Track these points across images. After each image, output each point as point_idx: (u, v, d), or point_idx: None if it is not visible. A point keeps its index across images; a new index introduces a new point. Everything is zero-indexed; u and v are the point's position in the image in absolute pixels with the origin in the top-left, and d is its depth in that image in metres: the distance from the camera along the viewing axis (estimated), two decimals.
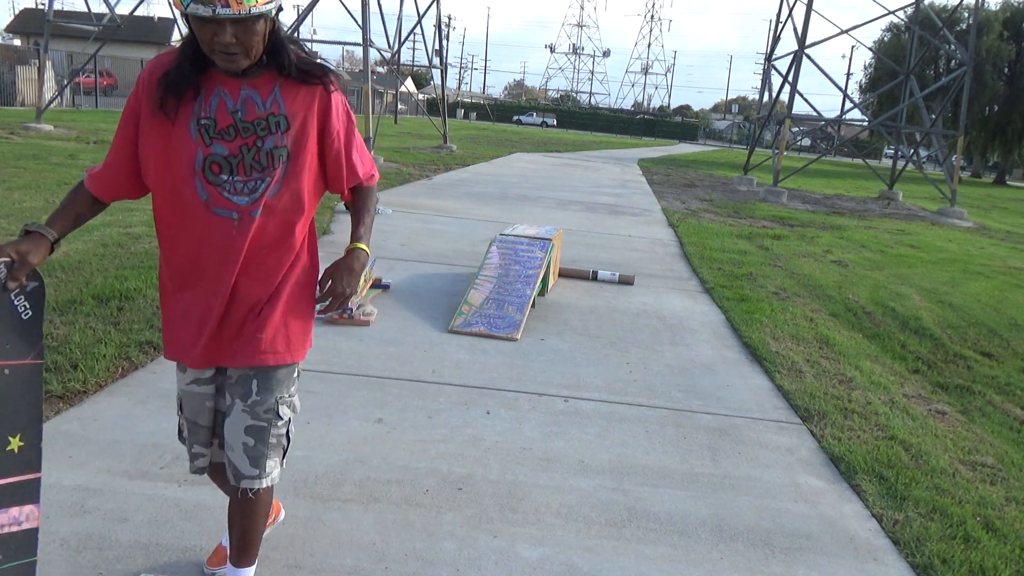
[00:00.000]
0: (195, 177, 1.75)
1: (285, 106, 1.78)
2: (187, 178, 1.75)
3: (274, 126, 1.77)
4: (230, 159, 1.75)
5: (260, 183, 1.77)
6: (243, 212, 1.78)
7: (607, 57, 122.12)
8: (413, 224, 8.21)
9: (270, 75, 1.77)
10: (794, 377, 4.27)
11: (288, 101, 1.79)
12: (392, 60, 24.81)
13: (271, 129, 1.77)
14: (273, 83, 1.77)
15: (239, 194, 1.77)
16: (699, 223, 10.79)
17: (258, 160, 1.77)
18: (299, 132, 1.80)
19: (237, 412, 1.87)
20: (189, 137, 1.73)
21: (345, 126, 1.90)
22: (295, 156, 1.81)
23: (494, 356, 4.18)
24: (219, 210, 1.77)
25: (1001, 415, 4.44)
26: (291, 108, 1.79)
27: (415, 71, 54.02)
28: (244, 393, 1.86)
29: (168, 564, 2.17)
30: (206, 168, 1.74)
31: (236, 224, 1.78)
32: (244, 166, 1.76)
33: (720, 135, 79.31)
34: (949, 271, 9.09)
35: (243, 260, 1.80)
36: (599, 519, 2.63)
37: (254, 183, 1.77)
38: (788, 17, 19.04)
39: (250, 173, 1.77)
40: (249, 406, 1.86)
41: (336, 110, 1.85)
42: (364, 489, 2.66)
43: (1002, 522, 2.88)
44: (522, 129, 53.81)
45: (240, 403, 1.86)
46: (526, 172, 17.04)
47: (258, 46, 1.67)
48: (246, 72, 1.73)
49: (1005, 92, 37.60)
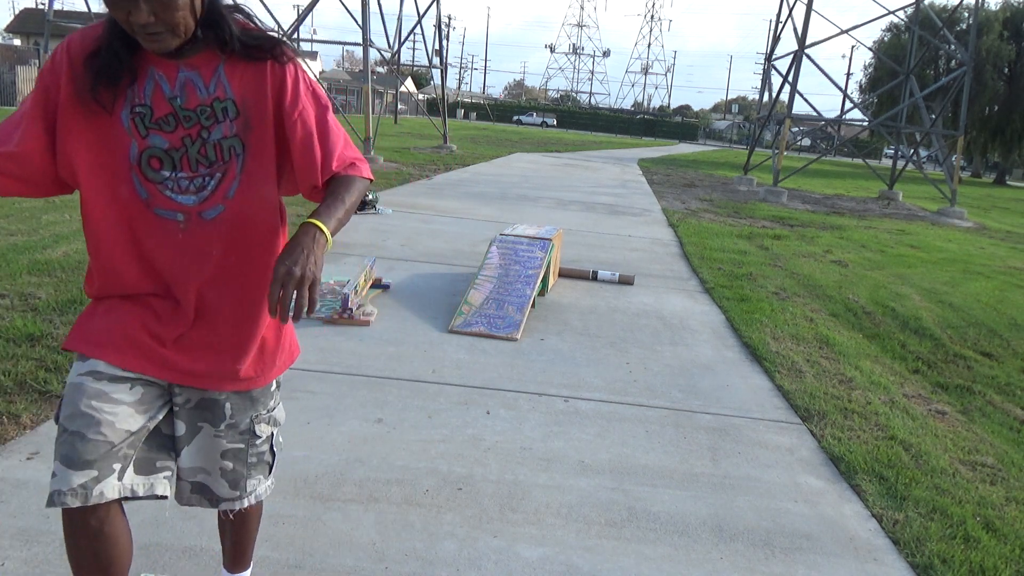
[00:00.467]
0: (131, 173, 1.50)
1: (232, 89, 1.52)
2: (123, 175, 1.50)
3: (220, 113, 1.51)
4: (171, 152, 1.50)
5: (209, 180, 1.53)
6: (190, 213, 1.53)
7: (607, 57, 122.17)
8: (413, 224, 8.21)
9: (211, 52, 1.50)
10: (794, 377, 4.27)
11: (235, 82, 1.52)
12: (392, 60, 24.81)
13: (217, 117, 1.51)
14: (215, 62, 1.51)
15: (184, 193, 1.52)
16: (699, 223, 10.79)
17: (204, 154, 1.52)
18: (253, 119, 1.54)
19: (207, 438, 1.65)
20: (121, 127, 1.48)
21: (312, 105, 1.59)
22: (253, 148, 1.55)
23: (494, 356, 4.18)
24: (161, 211, 1.52)
25: (1001, 415, 4.44)
26: (239, 91, 1.52)
27: (415, 71, 54.02)
28: (214, 418, 1.64)
29: (168, 564, 2.17)
30: (143, 163, 1.50)
31: (182, 227, 1.53)
32: (188, 161, 1.51)
33: (720, 135, 79.34)
34: (949, 271, 9.09)
35: (208, 270, 1.56)
36: (599, 519, 2.63)
37: (201, 180, 1.52)
38: (788, 17, 19.04)
39: (196, 168, 1.52)
40: (222, 431, 1.66)
41: (293, 86, 1.56)
42: (364, 489, 2.66)
43: (1002, 522, 2.88)
44: (522, 129, 53.80)
45: (211, 428, 1.65)
46: (526, 172, 17.04)
47: (185, 21, 1.41)
48: (182, 51, 1.47)
49: (1005, 92, 37.60)
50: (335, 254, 6.35)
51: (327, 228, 1.51)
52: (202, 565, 2.17)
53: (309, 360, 3.81)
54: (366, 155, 14.90)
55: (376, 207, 8.63)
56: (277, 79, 1.54)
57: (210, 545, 2.26)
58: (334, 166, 1.60)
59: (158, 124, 1.49)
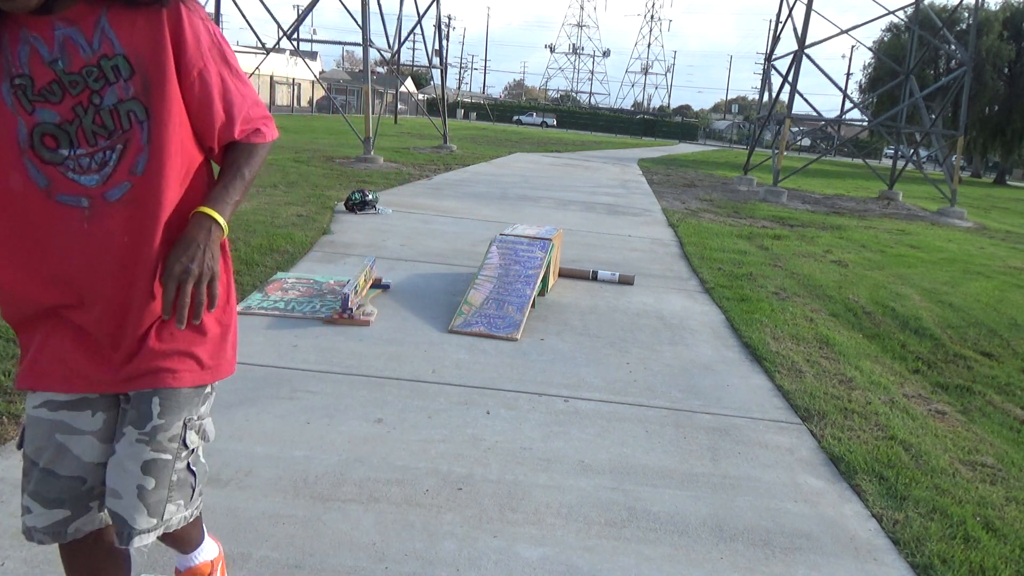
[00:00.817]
0: (23, 158, 1.29)
1: (120, 42, 1.29)
2: (13, 161, 1.29)
3: (111, 72, 1.29)
4: (65, 127, 1.29)
5: (110, 154, 1.31)
6: (94, 196, 1.32)
7: (607, 57, 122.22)
8: (413, 224, 8.21)
9: (88, 2, 1.28)
10: (794, 377, 4.27)
11: (123, 35, 1.29)
12: (392, 60, 24.82)
13: (108, 78, 1.29)
14: (96, 12, 1.28)
15: (87, 172, 1.31)
16: (699, 223, 10.79)
17: (100, 123, 1.30)
18: (152, 77, 1.32)
19: (129, 444, 1.40)
20: (3, 105, 1.27)
21: (214, 57, 1.39)
22: (158, 111, 1.32)
23: (494, 356, 4.18)
24: (65, 197, 1.31)
25: (1001, 415, 4.44)
26: (130, 44, 1.30)
27: (415, 71, 54.03)
28: (139, 417, 1.41)
29: (168, 564, 2.17)
30: (36, 143, 1.29)
31: (87, 214, 1.32)
32: (84, 134, 1.30)
33: (720, 135, 79.36)
34: (949, 271, 9.09)
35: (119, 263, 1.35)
36: (599, 519, 2.63)
37: (102, 155, 1.31)
38: (788, 17, 19.04)
39: (94, 142, 1.31)
40: (148, 433, 1.41)
41: (193, 36, 1.35)
42: (364, 489, 2.66)
43: (1002, 522, 2.88)
44: (522, 129, 53.81)
45: (134, 431, 1.40)
46: (526, 172, 17.04)
47: None
48: (52, 5, 1.25)
49: (1005, 92, 37.60)
50: (335, 254, 6.35)
51: (222, 218, 1.39)
52: None
53: (309, 360, 3.81)
54: (366, 155, 14.92)
55: (376, 207, 8.64)
56: (174, 28, 1.32)
57: None
58: (236, 132, 1.43)
59: (42, 95, 1.28)
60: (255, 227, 6.95)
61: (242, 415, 3.12)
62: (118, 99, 1.30)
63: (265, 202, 8.62)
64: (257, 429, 3.01)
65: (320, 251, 6.44)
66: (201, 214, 1.37)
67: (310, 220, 7.66)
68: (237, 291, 5.21)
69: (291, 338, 4.12)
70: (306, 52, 44.70)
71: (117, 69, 1.30)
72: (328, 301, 4.77)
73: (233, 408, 3.17)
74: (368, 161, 14.74)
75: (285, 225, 7.22)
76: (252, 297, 4.76)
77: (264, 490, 2.58)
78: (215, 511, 2.42)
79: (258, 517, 2.42)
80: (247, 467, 2.71)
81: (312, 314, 4.51)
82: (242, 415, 3.12)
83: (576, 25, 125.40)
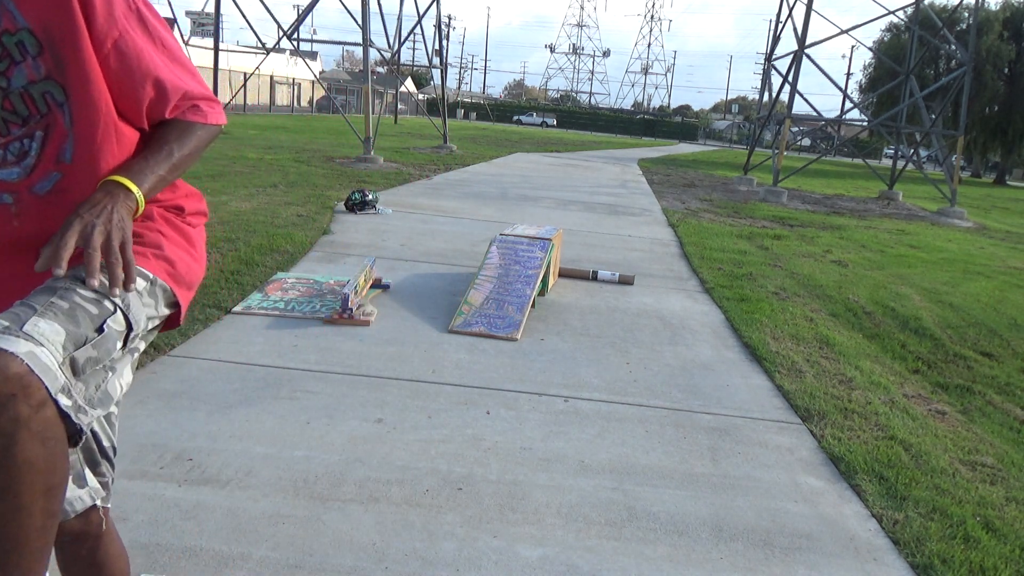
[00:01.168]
0: None
1: (23, 15, 1.11)
2: None
3: (16, 50, 1.12)
4: None
5: (30, 143, 1.17)
6: (19, 191, 1.18)
7: (607, 57, 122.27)
8: (413, 224, 8.21)
9: None
10: (794, 377, 4.27)
11: (25, 6, 1.11)
12: (392, 60, 24.83)
13: (13, 56, 1.13)
14: None
15: (8, 166, 1.17)
16: (699, 223, 10.79)
17: (11, 108, 1.15)
18: (64, 51, 1.14)
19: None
20: None
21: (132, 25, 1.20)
22: (77, 90, 1.16)
23: (494, 356, 4.18)
24: None
25: (1001, 415, 4.44)
26: (35, 16, 1.11)
27: (415, 71, 54.02)
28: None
29: (168, 564, 2.17)
30: None
31: (15, 211, 1.18)
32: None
33: (720, 135, 79.39)
34: (949, 271, 9.10)
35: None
36: (599, 519, 2.63)
37: (20, 144, 1.17)
38: (788, 17, 19.04)
39: (7, 130, 1.16)
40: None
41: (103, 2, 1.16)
42: (364, 489, 2.66)
43: (1002, 522, 2.88)
44: (522, 129, 53.80)
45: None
46: (526, 172, 17.04)
47: None
48: None
49: (1005, 92, 37.61)
50: (335, 254, 6.35)
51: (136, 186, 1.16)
52: (202, 565, 2.17)
53: (309, 360, 3.81)
54: (366, 155, 14.91)
55: (376, 207, 8.64)
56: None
57: (210, 545, 2.26)
58: (167, 110, 1.24)
59: None
60: (255, 227, 6.96)
61: (242, 415, 3.12)
62: (27, 80, 1.14)
63: (265, 202, 8.62)
64: (257, 429, 3.01)
65: (320, 251, 6.44)
66: (109, 180, 1.17)
67: (310, 220, 7.66)
68: (237, 291, 5.20)
69: (291, 338, 4.12)
70: (306, 52, 44.70)
71: (22, 45, 1.12)
72: (328, 301, 4.77)
73: (233, 408, 3.17)
74: (368, 161, 14.74)
75: (285, 225, 7.22)
76: (252, 297, 4.76)
77: (264, 490, 2.58)
78: (216, 511, 2.42)
79: (258, 517, 2.42)
80: (247, 467, 2.71)
81: (312, 314, 4.51)
82: (242, 415, 3.12)
83: (576, 25, 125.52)
